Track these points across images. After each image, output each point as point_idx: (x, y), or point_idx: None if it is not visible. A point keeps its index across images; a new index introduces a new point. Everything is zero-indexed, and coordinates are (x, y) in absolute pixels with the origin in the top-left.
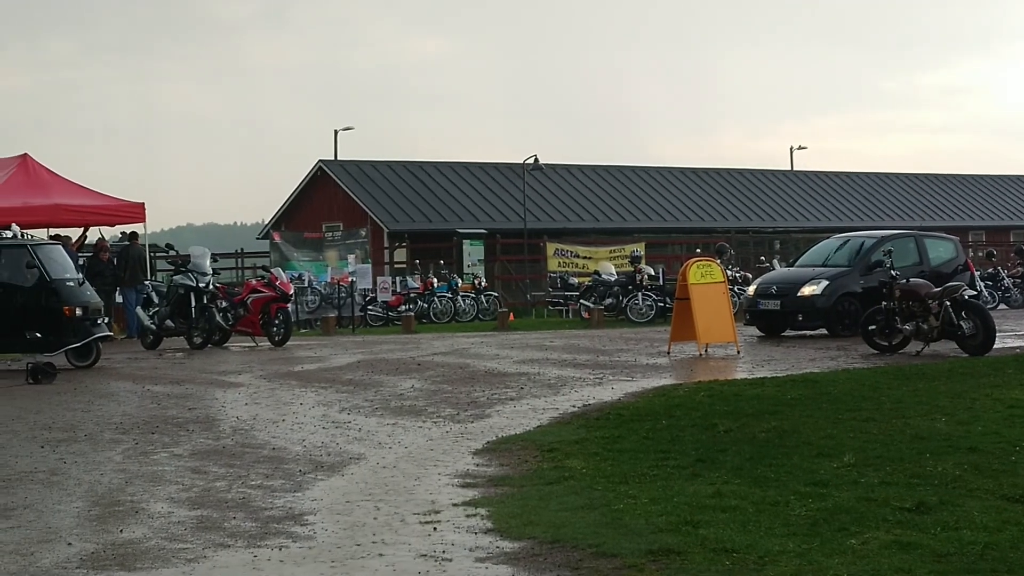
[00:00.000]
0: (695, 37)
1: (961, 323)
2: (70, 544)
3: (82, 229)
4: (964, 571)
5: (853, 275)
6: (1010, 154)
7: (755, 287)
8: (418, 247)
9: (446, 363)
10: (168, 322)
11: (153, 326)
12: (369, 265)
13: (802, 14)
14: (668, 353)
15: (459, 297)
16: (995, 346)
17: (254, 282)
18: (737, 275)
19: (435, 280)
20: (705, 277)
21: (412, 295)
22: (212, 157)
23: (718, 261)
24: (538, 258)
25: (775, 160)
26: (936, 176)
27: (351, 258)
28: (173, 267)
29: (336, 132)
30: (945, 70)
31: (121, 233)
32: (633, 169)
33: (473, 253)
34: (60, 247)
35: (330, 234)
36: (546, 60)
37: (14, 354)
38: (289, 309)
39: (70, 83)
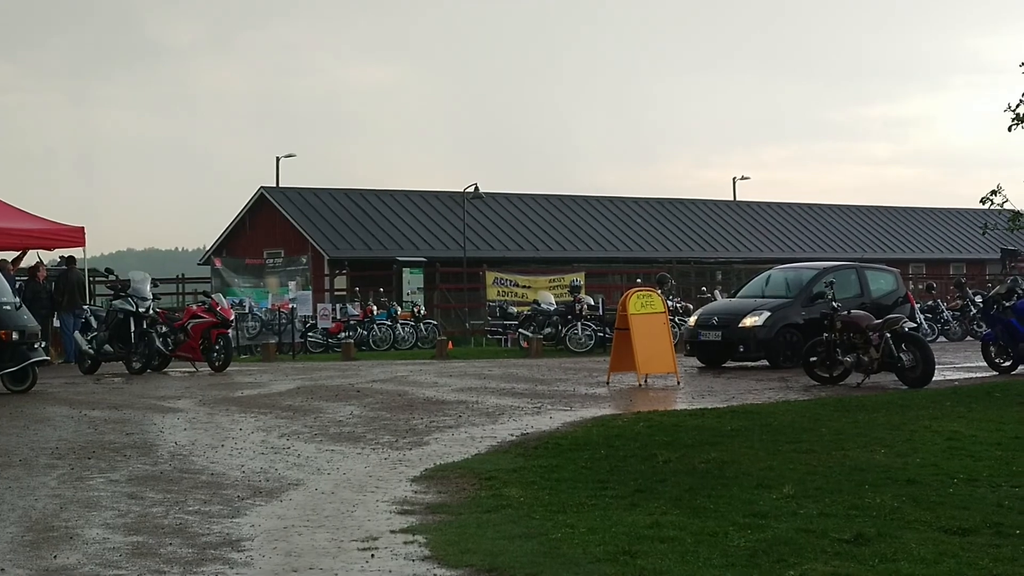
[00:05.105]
0: (640, 66)
1: (901, 355)
2: (3, 570)
3: (18, 253)
4: None
5: (795, 306)
6: (953, 187)
7: (696, 318)
8: (358, 275)
9: (385, 390)
10: (107, 347)
11: (91, 351)
12: (310, 292)
13: (749, 45)
14: (607, 383)
15: (398, 325)
16: (934, 378)
17: (195, 307)
18: (678, 305)
19: (375, 308)
20: (645, 307)
21: (352, 322)
22: (154, 182)
23: (659, 291)
24: (477, 287)
25: (723, 189)
26: (877, 208)
27: (292, 285)
28: (113, 292)
29: (278, 159)
30: (890, 102)
31: (60, 257)
32: (573, 198)
33: (413, 281)
34: None
35: (271, 260)
36: (488, 89)
37: None
38: (229, 335)
39: (10, 106)
